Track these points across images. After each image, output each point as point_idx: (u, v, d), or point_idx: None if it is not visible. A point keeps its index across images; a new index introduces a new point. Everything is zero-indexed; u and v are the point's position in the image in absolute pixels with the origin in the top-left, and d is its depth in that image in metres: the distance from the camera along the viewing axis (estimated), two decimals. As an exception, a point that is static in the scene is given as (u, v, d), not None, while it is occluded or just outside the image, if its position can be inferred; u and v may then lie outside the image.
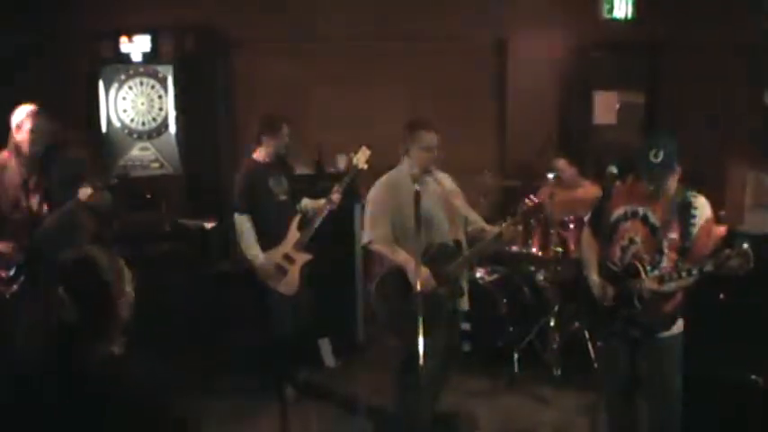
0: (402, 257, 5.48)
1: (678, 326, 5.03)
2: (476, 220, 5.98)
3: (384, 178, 5.80)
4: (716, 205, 5.67)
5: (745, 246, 4.40)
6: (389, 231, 5.59)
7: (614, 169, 4.92)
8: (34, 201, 5.86)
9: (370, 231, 5.65)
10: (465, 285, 5.84)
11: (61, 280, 2.78)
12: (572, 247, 7.34)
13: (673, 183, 4.92)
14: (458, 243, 5.73)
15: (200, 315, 7.52)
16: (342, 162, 8.38)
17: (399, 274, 5.49)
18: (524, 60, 9.13)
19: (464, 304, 5.86)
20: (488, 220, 6.05)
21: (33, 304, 5.38)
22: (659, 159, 4.78)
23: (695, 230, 4.82)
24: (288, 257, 6.67)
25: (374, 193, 5.75)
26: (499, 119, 9.29)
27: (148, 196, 8.06)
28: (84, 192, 5.82)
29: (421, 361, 4.74)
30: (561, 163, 7.82)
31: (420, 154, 5.66)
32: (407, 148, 5.70)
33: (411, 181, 5.55)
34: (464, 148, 8.55)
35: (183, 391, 2.94)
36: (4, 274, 5.76)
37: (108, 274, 2.83)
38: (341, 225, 7.52)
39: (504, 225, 5.66)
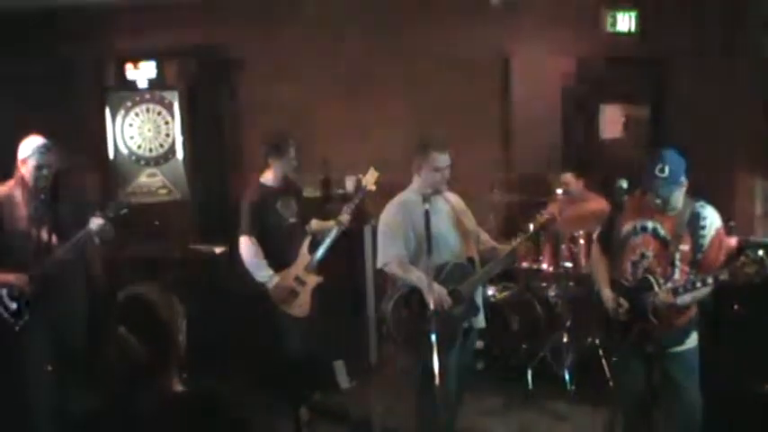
0: (416, 276, 5.47)
1: (692, 339, 5.02)
2: (486, 239, 6.00)
3: (396, 199, 5.79)
4: (726, 216, 5.67)
5: (760, 253, 4.40)
6: (403, 252, 5.58)
7: (624, 183, 4.92)
8: (43, 232, 5.85)
9: (385, 253, 5.64)
10: (480, 303, 5.83)
11: (119, 319, 2.76)
12: (583, 261, 7.32)
13: (680, 196, 4.92)
14: (471, 261, 5.74)
15: (213, 341, 7.51)
16: (350, 183, 8.39)
17: (414, 294, 5.48)
18: (528, 75, 9.11)
19: (480, 322, 5.85)
20: (498, 237, 6.06)
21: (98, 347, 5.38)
22: (665, 174, 4.81)
23: (706, 241, 4.83)
24: (299, 280, 6.66)
25: (386, 215, 5.75)
26: (504, 135, 9.28)
27: (157, 223, 8.05)
28: (96, 222, 5.82)
29: (437, 381, 4.74)
30: (568, 177, 7.82)
31: (431, 174, 5.66)
32: (419, 168, 5.70)
33: (441, 202, 5.59)
34: (470, 164, 8.55)
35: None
36: (14, 306, 5.76)
37: (163, 311, 2.82)
38: (351, 246, 7.51)
39: (517, 241, 5.68)
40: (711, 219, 4.88)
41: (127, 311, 2.79)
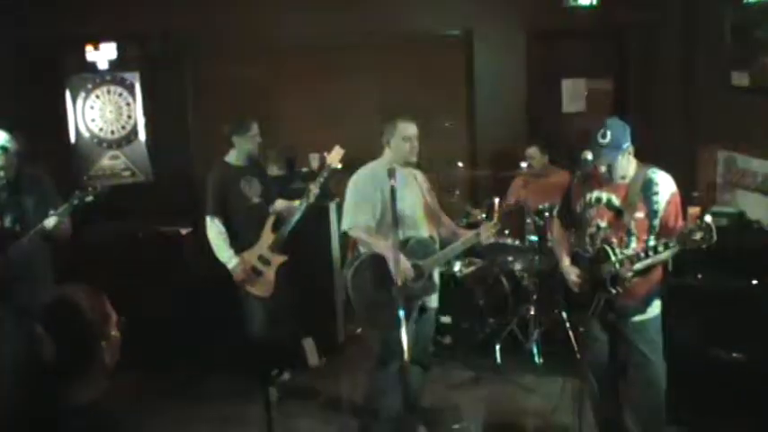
0: (383, 245, 5.48)
1: (654, 308, 5.05)
2: (449, 223, 6.06)
3: (367, 168, 5.80)
4: (689, 186, 5.71)
5: (708, 219, 4.42)
6: (371, 221, 5.59)
7: (589, 155, 4.93)
8: (7, 221, 5.78)
9: (352, 217, 5.64)
10: (437, 282, 5.85)
11: (40, 318, 2.68)
12: (549, 235, 7.35)
13: (627, 163, 4.96)
14: (432, 239, 5.76)
15: (179, 321, 7.49)
16: (314, 161, 8.37)
17: (375, 262, 5.50)
18: (491, 50, 9.13)
19: (434, 301, 5.88)
20: (462, 212, 6.07)
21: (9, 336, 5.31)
22: (607, 140, 4.86)
23: (660, 207, 4.85)
24: (263, 259, 6.64)
25: (357, 181, 5.75)
26: (468, 109, 9.30)
27: (121, 205, 7.99)
28: (50, 222, 5.75)
29: (400, 347, 4.77)
30: (532, 151, 7.85)
31: (401, 144, 5.69)
32: (388, 139, 5.72)
33: (410, 176, 5.59)
34: (434, 139, 8.54)
35: (169, 397, 2.90)
36: None
37: (89, 315, 2.74)
38: (316, 225, 7.49)
39: (482, 228, 5.79)
40: (664, 184, 4.89)
41: (48, 311, 2.71)
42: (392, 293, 5.20)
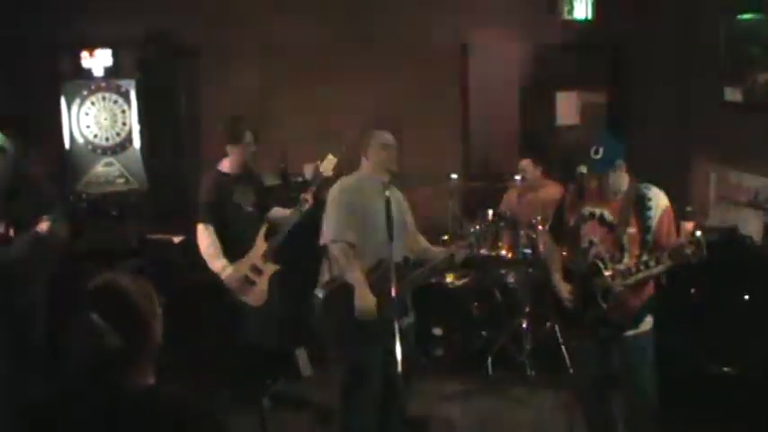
0: (354, 277, 5.38)
1: (647, 323, 5.06)
2: (421, 239, 5.96)
3: (349, 181, 5.74)
4: (682, 201, 5.73)
5: (698, 234, 4.46)
6: (353, 237, 5.47)
7: (584, 169, 4.96)
8: (2, 224, 5.78)
9: (335, 231, 5.50)
10: (410, 304, 5.72)
11: (90, 308, 2.66)
12: (541, 248, 7.36)
13: (620, 179, 4.98)
14: (406, 260, 5.66)
15: (171, 330, 7.46)
16: (309, 171, 8.37)
17: (348, 290, 5.40)
18: (486, 62, 9.16)
19: (410, 317, 5.73)
20: (456, 224, 6.04)
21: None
22: (599, 155, 4.88)
23: (653, 223, 4.87)
24: (255, 269, 6.62)
25: (339, 193, 5.65)
26: (462, 121, 9.32)
27: (114, 213, 7.98)
28: (43, 226, 5.75)
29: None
30: (525, 163, 7.85)
31: (380, 153, 5.63)
32: (366, 149, 5.68)
33: (378, 187, 5.50)
34: (428, 150, 8.58)
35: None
36: None
37: (138, 298, 2.72)
38: (309, 234, 7.48)
39: (453, 248, 5.75)
40: (657, 199, 4.92)
41: (98, 298, 2.70)
42: (362, 323, 5.21)
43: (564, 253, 5.37)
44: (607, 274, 4.82)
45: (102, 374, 2.67)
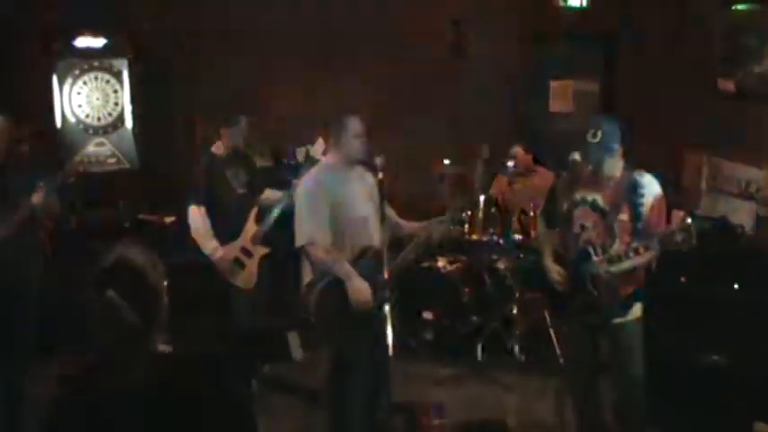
0: (344, 270, 5.23)
1: (636, 310, 5.05)
2: (392, 213, 5.74)
3: (314, 174, 5.50)
4: (674, 190, 5.75)
5: (688, 221, 4.46)
6: (327, 233, 5.28)
7: (578, 156, 4.95)
8: None
9: (307, 232, 5.28)
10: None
11: (106, 285, 2.69)
12: (533, 234, 7.37)
13: (615, 164, 4.97)
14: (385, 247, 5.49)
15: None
16: (301, 155, 8.36)
17: (339, 285, 5.26)
18: (480, 49, 9.15)
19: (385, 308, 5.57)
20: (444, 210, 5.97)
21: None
22: (597, 139, 4.85)
23: (645, 210, 4.86)
24: (245, 251, 6.63)
25: (307, 190, 5.42)
26: (455, 108, 9.31)
27: (106, 192, 7.98)
28: (38, 196, 5.74)
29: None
30: (517, 150, 7.85)
31: (352, 142, 5.39)
32: (336, 139, 5.44)
33: (352, 174, 5.43)
34: (420, 136, 8.58)
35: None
36: None
37: (150, 274, 2.76)
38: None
39: (431, 224, 5.62)
40: (650, 187, 4.90)
41: (113, 275, 2.73)
42: (356, 314, 5.14)
43: (555, 238, 5.37)
44: (597, 259, 4.83)
45: (122, 347, 2.71)
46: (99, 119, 8.67)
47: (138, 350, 2.73)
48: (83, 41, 8.52)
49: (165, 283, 2.85)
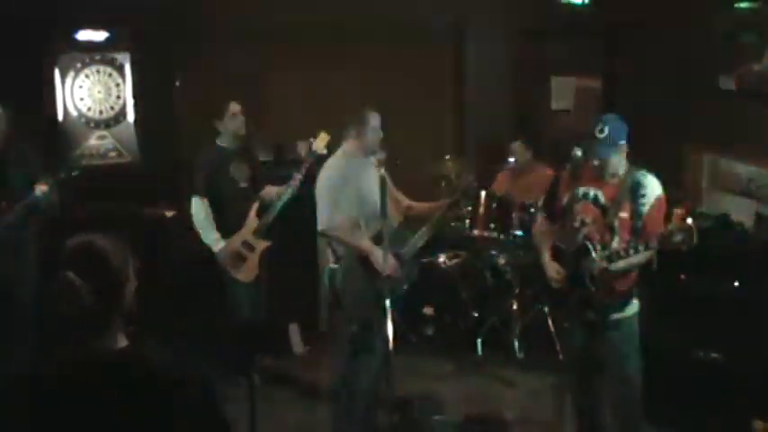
0: (366, 245, 5.48)
1: (633, 307, 5.06)
2: (402, 197, 6.10)
3: (338, 162, 5.75)
4: (674, 188, 5.74)
5: (690, 221, 4.47)
6: (353, 216, 5.54)
7: (579, 152, 4.95)
8: None
9: (330, 217, 5.54)
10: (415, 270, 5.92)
11: (66, 265, 2.69)
12: (533, 229, 7.37)
13: (620, 161, 4.98)
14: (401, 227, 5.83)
15: (162, 304, 7.49)
16: (303, 149, 8.35)
17: (361, 262, 5.49)
18: (481, 45, 9.15)
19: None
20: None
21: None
22: (604, 135, 4.87)
23: (646, 209, 4.88)
24: (247, 244, 6.65)
25: (329, 176, 5.68)
26: (457, 104, 9.31)
27: (107, 186, 7.98)
28: (41, 189, 5.75)
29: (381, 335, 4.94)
30: (517, 146, 7.86)
31: (371, 134, 5.69)
32: (357, 130, 5.70)
33: (367, 166, 5.59)
34: (423, 132, 8.59)
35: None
36: None
37: (113, 258, 2.75)
38: (301, 211, 7.49)
39: (441, 203, 5.94)
40: (652, 187, 4.91)
41: (75, 257, 2.72)
42: (381, 288, 5.21)
43: (554, 233, 5.38)
44: (595, 256, 4.84)
45: (76, 334, 2.69)
46: (101, 112, 8.65)
47: (92, 339, 2.71)
48: (84, 35, 8.51)
49: (133, 274, 2.83)
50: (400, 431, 6.06)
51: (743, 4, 7.54)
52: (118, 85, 8.64)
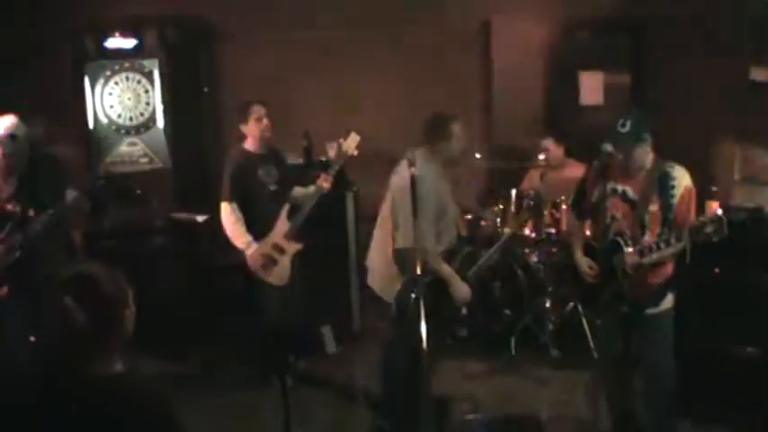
0: (447, 272, 5.52)
1: (667, 301, 5.04)
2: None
3: (420, 170, 5.04)
4: (707, 181, 5.69)
5: (720, 212, 4.44)
6: (432, 232, 5.42)
7: (609, 147, 4.93)
8: (21, 204, 5.80)
9: (413, 234, 4.96)
10: None
11: (64, 293, 2.74)
12: (564, 227, 7.34)
13: (646, 155, 4.96)
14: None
15: (195, 309, 7.53)
16: (332, 150, 8.35)
17: (435, 286, 5.47)
18: (509, 42, 9.11)
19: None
20: (477, 204, 6.06)
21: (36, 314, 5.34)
22: (626, 129, 4.85)
23: (675, 200, 4.85)
24: (278, 247, 6.65)
25: (423, 185, 5.07)
26: (485, 101, 9.28)
27: (138, 192, 8.02)
28: (71, 195, 5.78)
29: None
30: (547, 143, 7.83)
31: (454, 144, 5.61)
32: (439, 138, 5.59)
33: (440, 173, 5.58)
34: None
35: (184, 385, 2.94)
36: None
37: (108, 286, 2.80)
38: (332, 212, 7.51)
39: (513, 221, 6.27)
40: (680, 178, 4.88)
41: (70, 286, 2.77)
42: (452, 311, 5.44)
43: (587, 232, 5.37)
44: (627, 250, 4.81)
45: (70, 358, 2.73)
46: (131, 119, 8.72)
47: (87, 364, 2.74)
48: (113, 42, 8.57)
49: (133, 306, 2.88)
50: (436, 431, 6.05)
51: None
52: (147, 91, 8.70)
